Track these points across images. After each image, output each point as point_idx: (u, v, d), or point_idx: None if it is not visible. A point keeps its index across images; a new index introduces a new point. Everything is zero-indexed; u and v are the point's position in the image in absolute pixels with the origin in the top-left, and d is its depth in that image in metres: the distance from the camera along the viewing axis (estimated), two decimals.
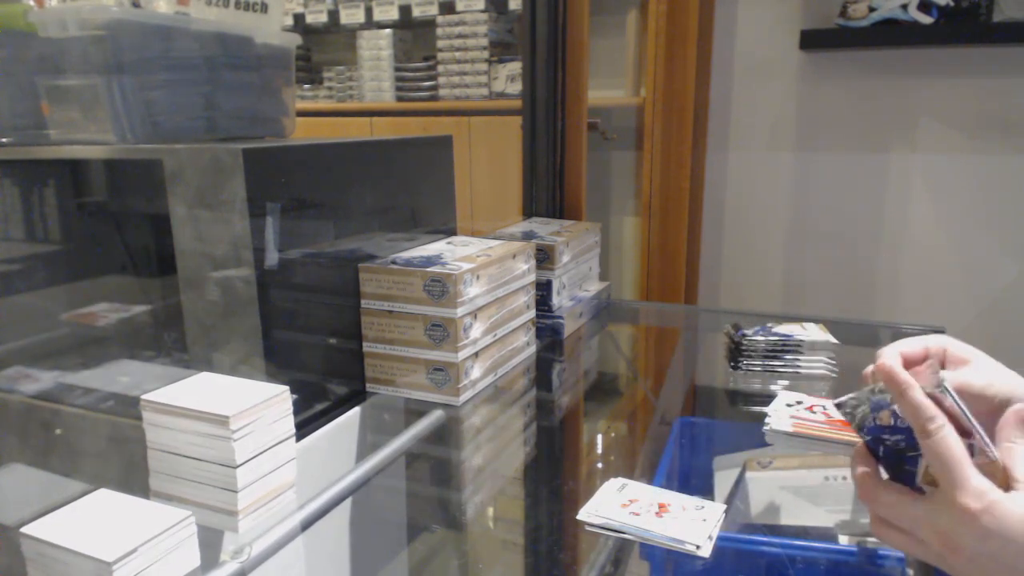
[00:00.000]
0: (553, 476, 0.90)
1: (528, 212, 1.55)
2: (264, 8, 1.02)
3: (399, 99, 2.70)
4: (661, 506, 0.70)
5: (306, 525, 0.70)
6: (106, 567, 0.52)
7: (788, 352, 1.10)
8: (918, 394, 0.49)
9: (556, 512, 0.79)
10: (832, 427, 0.86)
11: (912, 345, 0.57)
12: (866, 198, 2.14)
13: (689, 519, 0.68)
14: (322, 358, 0.93)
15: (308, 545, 0.70)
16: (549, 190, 1.53)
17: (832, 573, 0.79)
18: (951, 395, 0.49)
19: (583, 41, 1.49)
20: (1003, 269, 2.04)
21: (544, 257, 1.22)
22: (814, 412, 0.91)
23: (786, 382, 1.08)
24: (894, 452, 0.52)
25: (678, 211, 2.17)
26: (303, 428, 0.85)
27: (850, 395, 0.55)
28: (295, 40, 1.08)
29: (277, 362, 0.84)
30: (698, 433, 1.07)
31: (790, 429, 0.86)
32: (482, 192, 2.38)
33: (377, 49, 2.70)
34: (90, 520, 0.56)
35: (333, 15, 2.78)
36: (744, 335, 1.12)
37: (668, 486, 0.75)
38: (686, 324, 1.56)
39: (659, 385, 1.22)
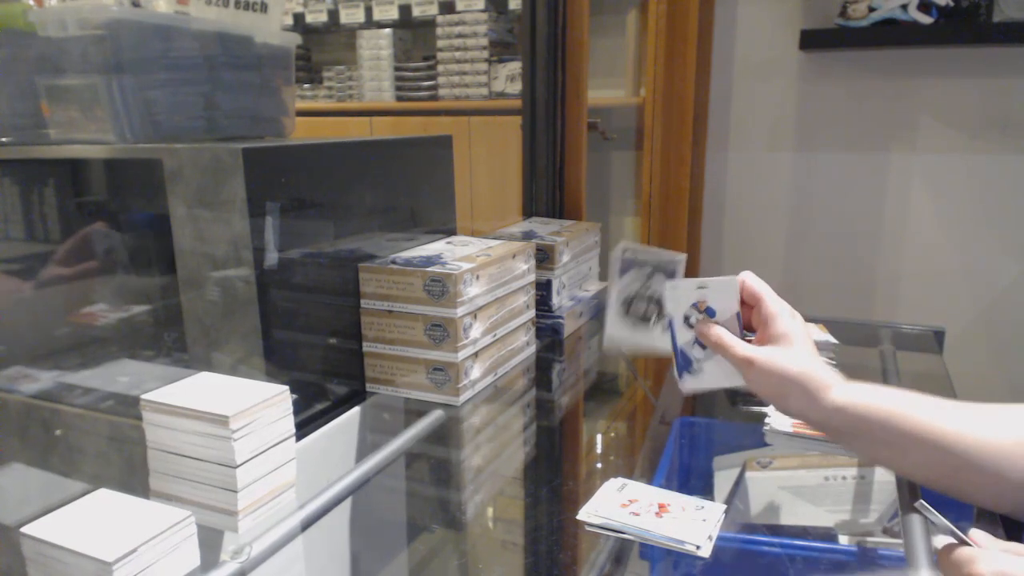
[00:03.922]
0: (553, 476, 0.90)
1: (528, 212, 1.55)
2: (264, 8, 1.02)
3: (399, 99, 2.70)
4: (661, 506, 0.70)
5: (306, 525, 0.70)
6: (106, 567, 0.51)
7: None
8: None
9: (556, 512, 0.79)
10: None
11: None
12: (866, 198, 2.14)
13: (689, 519, 0.68)
14: (322, 358, 0.93)
15: (308, 545, 0.70)
16: (549, 190, 1.53)
17: (832, 573, 0.79)
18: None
19: (583, 41, 1.49)
20: (1003, 269, 2.04)
21: (544, 257, 1.22)
22: None
23: None
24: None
25: (678, 211, 2.17)
26: (303, 428, 0.85)
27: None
28: (295, 40, 1.08)
29: (277, 362, 0.84)
30: (698, 433, 1.07)
31: (790, 429, 0.86)
32: (482, 192, 2.38)
33: (377, 49, 2.70)
34: (90, 520, 0.56)
35: (333, 15, 2.78)
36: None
37: (668, 486, 0.75)
38: None
39: (659, 385, 1.22)
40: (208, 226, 0.80)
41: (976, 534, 0.53)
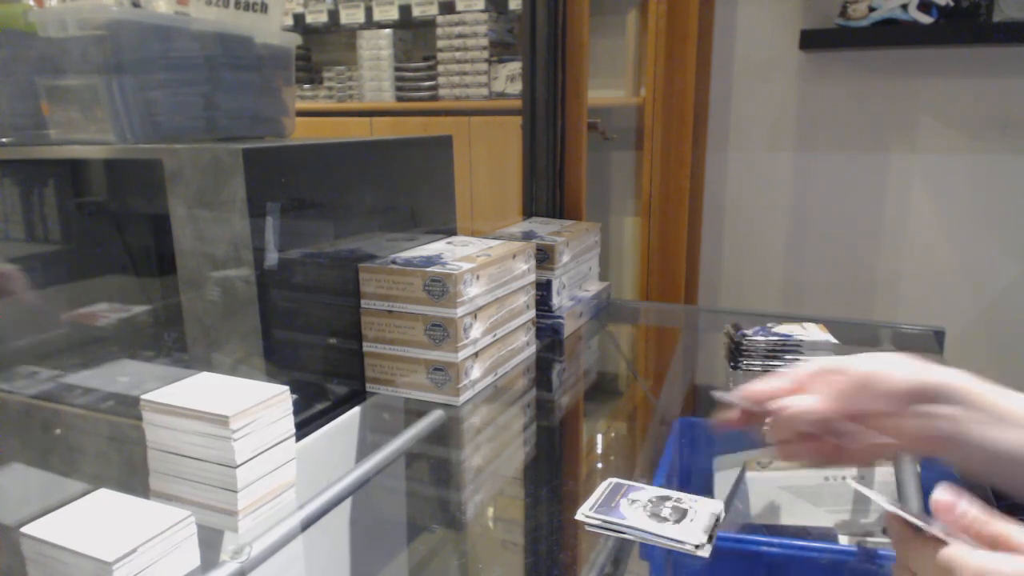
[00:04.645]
0: (553, 476, 0.90)
1: (528, 212, 1.55)
2: (264, 8, 1.02)
3: (399, 99, 2.70)
4: None
5: (306, 525, 0.70)
6: (106, 567, 0.52)
7: (788, 352, 1.10)
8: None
9: (556, 512, 0.79)
10: None
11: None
12: (866, 198, 2.14)
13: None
14: (322, 358, 0.93)
15: (308, 545, 0.70)
16: (549, 190, 1.53)
17: (832, 573, 0.79)
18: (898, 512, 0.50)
19: (583, 41, 1.49)
20: (1003, 269, 2.04)
21: (544, 257, 1.22)
22: None
23: None
24: None
25: (678, 211, 2.17)
26: (303, 428, 0.85)
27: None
28: (295, 40, 1.08)
29: (277, 362, 0.84)
30: (698, 433, 1.07)
31: None
32: (482, 192, 2.38)
33: (377, 49, 2.70)
34: (90, 520, 0.56)
35: (333, 15, 2.78)
36: (744, 335, 1.12)
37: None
38: (686, 324, 1.56)
39: (659, 385, 1.22)
40: (208, 226, 0.80)
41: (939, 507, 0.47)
